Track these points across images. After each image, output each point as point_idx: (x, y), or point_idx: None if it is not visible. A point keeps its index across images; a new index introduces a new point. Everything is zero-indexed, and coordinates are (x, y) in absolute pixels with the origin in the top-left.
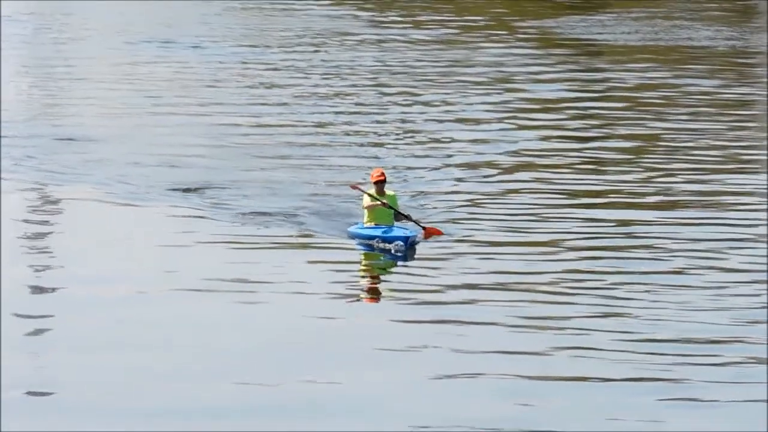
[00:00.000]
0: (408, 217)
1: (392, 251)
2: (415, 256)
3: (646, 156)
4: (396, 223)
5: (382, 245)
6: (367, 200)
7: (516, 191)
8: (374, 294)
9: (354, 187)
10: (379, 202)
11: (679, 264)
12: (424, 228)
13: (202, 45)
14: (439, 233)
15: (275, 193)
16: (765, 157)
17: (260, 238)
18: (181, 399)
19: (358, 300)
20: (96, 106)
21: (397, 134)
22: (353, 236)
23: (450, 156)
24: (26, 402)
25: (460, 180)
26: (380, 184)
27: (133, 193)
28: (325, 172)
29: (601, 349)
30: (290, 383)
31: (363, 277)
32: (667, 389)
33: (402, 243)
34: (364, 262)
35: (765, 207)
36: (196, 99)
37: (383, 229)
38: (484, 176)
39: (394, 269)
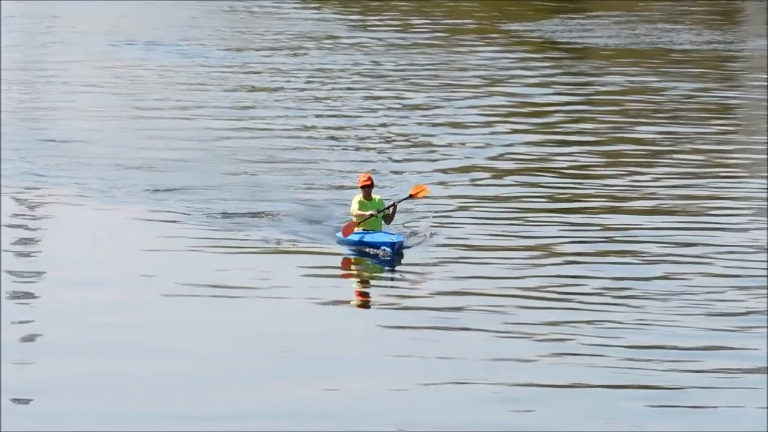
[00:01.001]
0: (394, 206)
1: (380, 257)
2: (403, 262)
3: (632, 160)
4: (384, 227)
5: (369, 251)
6: (355, 206)
7: (503, 196)
8: (362, 300)
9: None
10: (367, 214)
11: (666, 270)
12: (410, 195)
13: (188, 47)
14: (422, 191)
15: (263, 197)
16: (751, 162)
17: (247, 242)
18: (167, 405)
19: (345, 306)
20: (79, 109)
21: (384, 138)
22: (341, 242)
23: (436, 160)
24: (9, 409)
25: (446, 184)
26: (367, 188)
27: (117, 196)
28: (314, 176)
29: (588, 355)
30: (275, 389)
31: (351, 282)
32: (655, 396)
33: (389, 249)
34: (352, 268)
35: (752, 212)
36: (181, 102)
37: (371, 235)
38: (471, 180)
39: (381, 275)
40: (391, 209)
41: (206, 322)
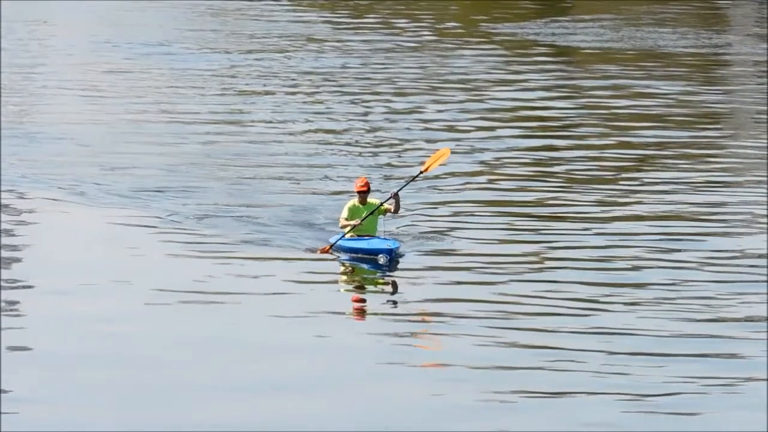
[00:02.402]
0: (395, 195)
1: (379, 262)
2: (398, 268)
3: (624, 165)
4: (380, 232)
5: (365, 257)
6: (344, 213)
7: (496, 201)
8: (357, 307)
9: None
10: (352, 223)
11: (659, 276)
12: (421, 172)
13: (176, 50)
14: (437, 159)
15: (254, 203)
16: (743, 167)
17: (238, 248)
18: (154, 415)
19: (338, 313)
20: (65, 113)
21: (374, 142)
22: (336, 248)
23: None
24: None
25: (439, 189)
26: (363, 194)
27: (103, 201)
28: (306, 181)
29: (581, 362)
30: (267, 399)
31: (345, 289)
32: (651, 401)
33: (386, 255)
34: (347, 275)
35: (745, 218)
36: (169, 105)
37: (367, 241)
38: (464, 185)
39: (377, 281)
40: (386, 203)
41: (193, 330)
